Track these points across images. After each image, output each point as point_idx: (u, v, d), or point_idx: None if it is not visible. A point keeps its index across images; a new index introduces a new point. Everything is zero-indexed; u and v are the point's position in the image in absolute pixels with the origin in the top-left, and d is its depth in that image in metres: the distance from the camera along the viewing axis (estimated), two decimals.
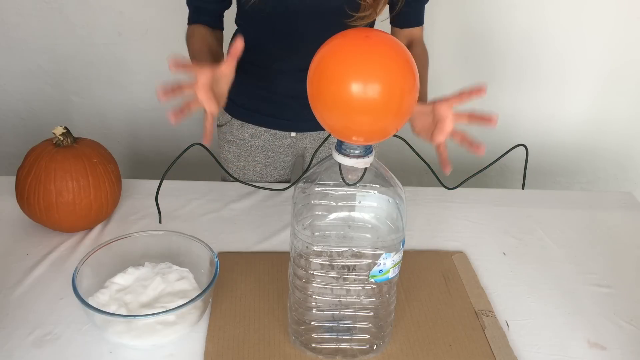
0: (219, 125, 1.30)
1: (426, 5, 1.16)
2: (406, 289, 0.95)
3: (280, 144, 1.29)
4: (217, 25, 1.15)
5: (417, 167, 1.24)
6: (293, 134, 1.29)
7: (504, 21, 1.87)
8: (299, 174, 1.21)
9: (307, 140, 1.31)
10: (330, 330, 0.81)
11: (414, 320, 0.88)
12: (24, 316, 0.85)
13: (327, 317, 0.81)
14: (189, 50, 1.11)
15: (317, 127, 0.75)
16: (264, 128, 1.27)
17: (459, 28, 1.89)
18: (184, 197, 1.16)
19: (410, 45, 1.17)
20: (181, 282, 0.87)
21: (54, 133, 0.99)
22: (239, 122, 1.26)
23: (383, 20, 1.13)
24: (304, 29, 1.08)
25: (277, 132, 1.28)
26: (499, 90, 1.97)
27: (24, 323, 0.84)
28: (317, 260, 0.76)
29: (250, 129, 1.27)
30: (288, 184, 1.22)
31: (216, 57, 1.05)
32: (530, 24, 1.87)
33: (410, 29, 1.17)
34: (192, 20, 1.14)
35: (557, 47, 1.91)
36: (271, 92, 1.21)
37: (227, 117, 1.28)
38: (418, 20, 1.17)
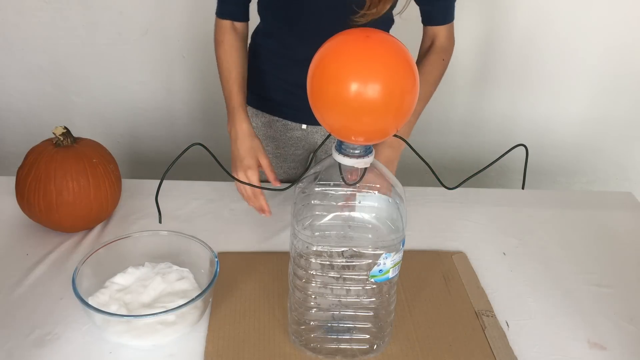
0: None
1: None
2: (406, 289, 0.95)
3: (291, 136, 1.30)
4: (243, 17, 1.14)
5: (417, 167, 1.23)
6: (304, 126, 1.29)
7: (504, 21, 1.87)
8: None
9: (318, 134, 1.31)
10: (330, 330, 0.81)
11: (414, 320, 0.88)
12: (24, 316, 0.85)
13: (327, 317, 0.81)
14: (217, 58, 1.12)
15: None
16: (276, 117, 1.27)
17: (458, 28, 1.89)
18: (184, 197, 1.16)
19: (430, 47, 1.14)
20: (181, 282, 0.87)
21: (54, 133, 0.99)
22: (253, 109, 1.27)
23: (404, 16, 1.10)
24: (313, 19, 1.08)
25: (289, 122, 1.28)
26: (499, 90, 1.97)
27: (24, 323, 0.84)
28: (317, 260, 0.76)
29: (264, 118, 1.28)
30: (288, 184, 1.22)
31: (243, 78, 1.11)
32: (530, 24, 1.87)
33: (433, 27, 1.13)
34: (220, 13, 1.13)
35: (557, 47, 1.91)
36: (282, 80, 1.22)
37: None
38: (443, 18, 1.12)
